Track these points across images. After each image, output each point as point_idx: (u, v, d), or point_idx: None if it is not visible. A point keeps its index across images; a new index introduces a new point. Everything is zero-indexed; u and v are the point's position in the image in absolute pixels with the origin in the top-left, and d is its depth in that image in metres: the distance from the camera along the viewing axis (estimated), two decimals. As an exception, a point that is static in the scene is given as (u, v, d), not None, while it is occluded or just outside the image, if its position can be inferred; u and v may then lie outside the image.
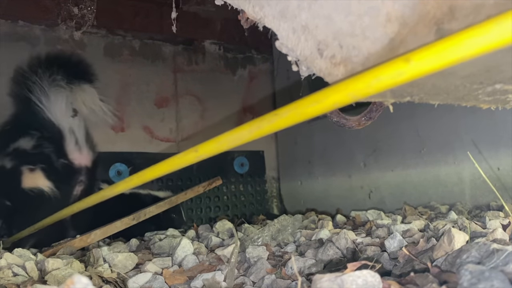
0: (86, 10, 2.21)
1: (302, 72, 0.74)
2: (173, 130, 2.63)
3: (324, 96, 0.61)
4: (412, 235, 1.15)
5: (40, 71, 1.79)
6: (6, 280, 0.99)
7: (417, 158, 1.91)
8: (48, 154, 1.80)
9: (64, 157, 1.83)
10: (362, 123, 1.08)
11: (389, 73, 0.53)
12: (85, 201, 1.38)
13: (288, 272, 0.99)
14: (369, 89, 0.56)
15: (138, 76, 2.52)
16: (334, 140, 2.37)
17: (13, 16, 2.20)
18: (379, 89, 0.55)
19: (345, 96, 0.59)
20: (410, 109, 1.88)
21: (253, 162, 2.80)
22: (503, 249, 0.66)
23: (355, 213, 1.66)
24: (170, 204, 1.84)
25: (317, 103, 0.62)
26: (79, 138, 1.86)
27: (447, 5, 0.52)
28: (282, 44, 0.73)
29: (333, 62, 0.66)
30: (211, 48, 2.79)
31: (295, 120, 0.67)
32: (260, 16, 0.74)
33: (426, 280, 0.66)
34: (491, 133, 1.60)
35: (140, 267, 1.16)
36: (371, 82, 0.55)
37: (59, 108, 1.82)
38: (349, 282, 0.56)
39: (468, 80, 0.68)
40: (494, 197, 1.55)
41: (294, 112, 0.66)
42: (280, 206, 2.86)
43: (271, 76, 2.94)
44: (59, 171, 1.81)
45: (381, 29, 0.58)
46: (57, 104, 1.81)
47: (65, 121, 1.83)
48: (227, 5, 0.81)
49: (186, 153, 0.88)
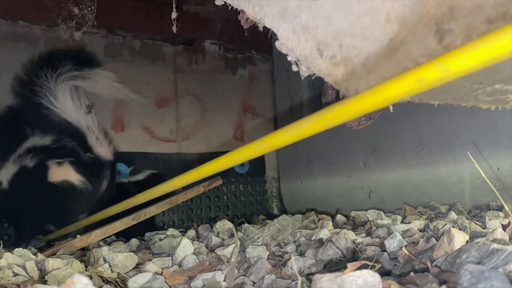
0: (86, 10, 2.21)
1: (302, 72, 0.74)
2: (173, 130, 2.63)
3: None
4: (412, 235, 1.15)
5: (43, 70, 1.78)
6: (6, 280, 0.99)
7: (417, 158, 1.91)
8: (73, 148, 1.80)
9: (90, 151, 1.83)
10: (362, 123, 1.08)
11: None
12: (138, 197, 1.33)
13: (288, 272, 0.99)
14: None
15: (138, 76, 2.52)
16: (334, 140, 2.37)
17: (13, 16, 2.20)
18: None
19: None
20: (410, 109, 1.87)
21: (253, 162, 2.80)
22: (503, 249, 0.66)
23: (355, 213, 1.66)
24: (170, 204, 1.84)
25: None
26: (97, 133, 1.87)
27: (447, 5, 0.52)
28: (282, 44, 0.73)
29: (333, 62, 0.66)
30: (211, 48, 2.79)
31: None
32: (260, 16, 0.75)
33: (426, 280, 0.66)
34: (491, 133, 1.60)
35: (140, 267, 1.17)
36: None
37: (71, 106, 1.81)
38: (349, 282, 0.57)
39: (468, 80, 0.68)
40: (494, 197, 1.55)
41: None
42: (280, 206, 2.86)
43: (271, 76, 2.94)
44: (88, 164, 1.82)
45: (381, 29, 0.58)
46: (67, 102, 1.80)
47: (81, 118, 1.83)
48: (227, 5, 0.81)
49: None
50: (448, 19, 0.53)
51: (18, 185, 1.74)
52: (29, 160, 1.76)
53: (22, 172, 1.75)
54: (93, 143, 1.85)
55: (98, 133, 1.89)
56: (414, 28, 0.55)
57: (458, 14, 0.52)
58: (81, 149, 1.82)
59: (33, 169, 1.75)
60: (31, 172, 1.75)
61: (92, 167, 1.82)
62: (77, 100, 1.84)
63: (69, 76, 1.80)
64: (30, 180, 1.76)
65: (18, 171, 1.75)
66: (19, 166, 1.76)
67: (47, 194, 1.75)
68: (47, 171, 1.75)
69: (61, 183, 1.74)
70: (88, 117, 1.86)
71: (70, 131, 1.82)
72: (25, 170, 1.76)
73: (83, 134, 1.83)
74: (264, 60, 2.98)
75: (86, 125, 1.84)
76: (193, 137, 2.68)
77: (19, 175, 1.75)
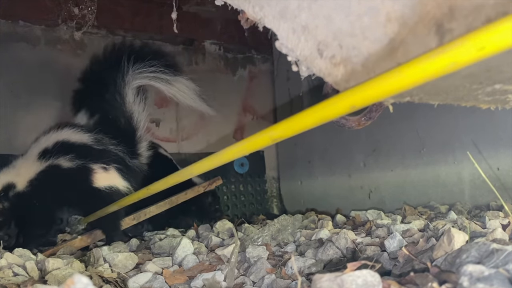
0: (86, 10, 2.21)
1: (302, 72, 0.74)
2: (173, 130, 2.64)
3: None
4: (412, 235, 1.15)
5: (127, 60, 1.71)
6: (7, 280, 0.99)
7: (417, 158, 1.91)
8: (122, 154, 1.74)
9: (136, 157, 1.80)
10: (362, 123, 1.08)
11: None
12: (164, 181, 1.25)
13: (288, 272, 0.99)
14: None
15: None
16: (334, 140, 2.37)
17: (13, 16, 2.20)
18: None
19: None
20: (410, 109, 1.87)
21: (253, 162, 2.80)
22: (503, 249, 0.66)
23: (355, 213, 1.66)
24: (170, 204, 1.84)
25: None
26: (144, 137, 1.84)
27: (447, 5, 0.52)
28: (282, 44, 0.73)
29: (333, 62, 0.66)
30: (211, 48, 2.79)
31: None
32: (260, 17, 0.75)
33: (426, 280, 0.66)
34: (491, 133, 1.60)
35: (140, 267, 1.17)
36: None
37: (139, 107, 1.78)
38: (349, 282, 0.57)
39: (468, 80, 0.68)
40: (494, 197, 1.55)
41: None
42: (280, 206, 2.86)
43: (271, 76, 2.94)
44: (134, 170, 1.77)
45: (381, 29, 0.58)
46: (136, 101, 1.76)
47: (142, 120, 1.80)
48: (227, 5, 0.81)
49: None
50: (448, 19, 0.53)
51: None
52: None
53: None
54: (142, 149, 1.82)
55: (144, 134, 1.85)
56: (414, 28, 0.56)
57: (458, 14, 0.52)
58: (129, 155, 1.76)
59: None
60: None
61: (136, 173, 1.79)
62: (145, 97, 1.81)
63: (151, 76, 1.76)
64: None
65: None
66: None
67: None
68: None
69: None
70: (144, 118, 1.83)
71: (128, 133, 1.77)
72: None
73: (137, 137, 1.79)
74: (264, 60, 2.98)
75: (141, 127, 1.80)
76: (193, 137, 2.69)
77: None
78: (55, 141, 1.68)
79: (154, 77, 1.76)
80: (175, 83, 1.80)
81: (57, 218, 1.95)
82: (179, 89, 1.82)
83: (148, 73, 1.74)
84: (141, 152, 1.81)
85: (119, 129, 1.76)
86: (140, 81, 1.76)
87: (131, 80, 1.73)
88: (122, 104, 1.75)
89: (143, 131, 1.81)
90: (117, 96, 1.73)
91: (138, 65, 1.72)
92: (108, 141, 1.71)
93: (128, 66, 1.71)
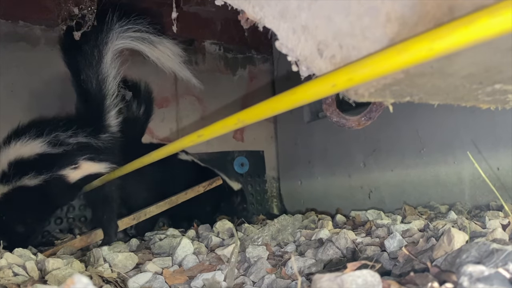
0: (86, 10, 2.21)
1: (302, 72, 0.74)
2: (173, 130, 2.64)
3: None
4: (412, 235, 1.15)
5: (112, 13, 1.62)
6: (7, 280, 0.99)
7: (417, 158, 1.91)
8: (85, 140, 1.65)
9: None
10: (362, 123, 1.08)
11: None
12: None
13: (288, 272, 0.99)
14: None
15: (138, 76, 2.51)
16: (334, 140, 2.37)
17: (13, 16, 2.20)
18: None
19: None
20: (410, 109, 1.87)
21: (253, 162, 2.80)
22: (503, 249, 0.66)
23: (355, 213, 1.66)
24: (170, 204, 1.84)
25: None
26: None
27: (447, 5, 0.52)
28: (282, 44, 0.73)
29: (333, 62, 0.66)
30: (211, 48, 2.79)
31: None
32: (260, 17, 0.75)
33: (426, 280, 0.66)
34: (491, 133, 1.60)
35: (140, 267, 1.17)
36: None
37: (114, 71, 1.70)
38: (349, 282, 0.57)
39: (467, 80, 0.68)
40: (494, 197, 1.55)
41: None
42: (280, 206, 2.86)
43: (271, 76, 2.94)
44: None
45: (381, 30, 0.58)
46: (113, 65, 1.68)
47: (113, 88, 1.73)
48: (227, 5, 0.81)
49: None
50: (448, 19, 0.53)
51: None
52: None
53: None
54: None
55: None
56: (414, 28, 0.55)
57: (458, 14, 0.52)
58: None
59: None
60: None
61: None
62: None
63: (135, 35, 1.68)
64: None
65: None
66: None
67: None
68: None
69: None
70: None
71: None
72: None
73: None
74: (264, 60, 2.98)
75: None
76: (193, 137, 2.68)
77: None
78: (7, 161, 1.56)
79: (138, 37, 1.68)
80: (159, 46, 1.74)
81: (41, 230, 1.90)
82: (163, 52, 1.76)
83: (133, 32, 1.66)
84: (110, 122, 1.68)
85: (86, 93, 1.65)
86: (124, 41, 1.67)
87: (115, 39, 1.64)
88: (99, 62, 1.64)
89: (113, 98, 1.69)
90: (95, 51, 1.64)
91: (125, 20, 1.64)
92: (65, 134, 1.57)
93: (113, 20, 1.62)
